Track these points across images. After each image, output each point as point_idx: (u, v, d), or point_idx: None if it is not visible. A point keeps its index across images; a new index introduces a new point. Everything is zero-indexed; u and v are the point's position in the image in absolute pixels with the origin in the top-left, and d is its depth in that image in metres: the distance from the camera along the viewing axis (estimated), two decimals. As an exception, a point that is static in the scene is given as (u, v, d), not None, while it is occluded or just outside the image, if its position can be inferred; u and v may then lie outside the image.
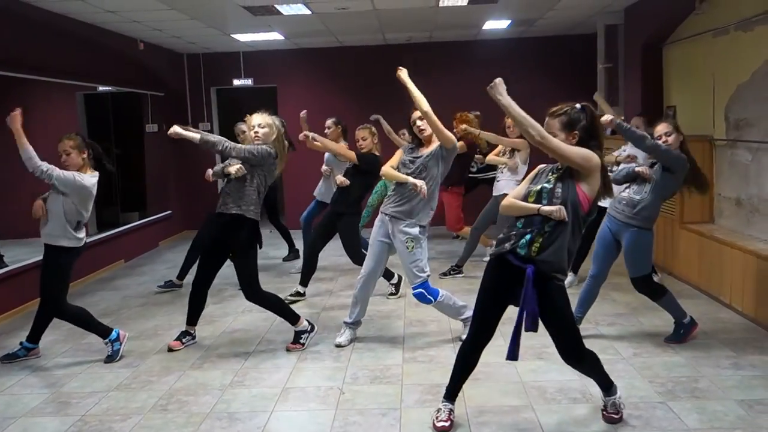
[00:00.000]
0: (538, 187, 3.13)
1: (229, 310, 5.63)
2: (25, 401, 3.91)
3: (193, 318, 4.78)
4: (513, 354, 3.19)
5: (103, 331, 4.56)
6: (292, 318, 4.66)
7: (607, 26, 7.90)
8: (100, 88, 8.16)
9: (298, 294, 5.83)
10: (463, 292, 5.87)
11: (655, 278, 5.73)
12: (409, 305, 5.58)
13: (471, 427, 3.39)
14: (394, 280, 5.92)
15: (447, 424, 3.31)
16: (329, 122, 6.72)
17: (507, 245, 3.13)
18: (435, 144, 4.47)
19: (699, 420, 3.37)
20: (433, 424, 3.34)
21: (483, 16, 7.89)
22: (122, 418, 3.63)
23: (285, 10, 6.84)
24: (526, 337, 4.51)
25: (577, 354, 3.19)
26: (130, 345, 4.79)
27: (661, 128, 4.42)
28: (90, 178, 4.44)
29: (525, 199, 3.14)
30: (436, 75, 9.48)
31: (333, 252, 6.84)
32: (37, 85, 6.63)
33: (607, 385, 3.34)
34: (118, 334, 4.60)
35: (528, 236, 3.06)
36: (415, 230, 4.42)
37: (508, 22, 8.26)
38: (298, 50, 9.76)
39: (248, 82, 9.86)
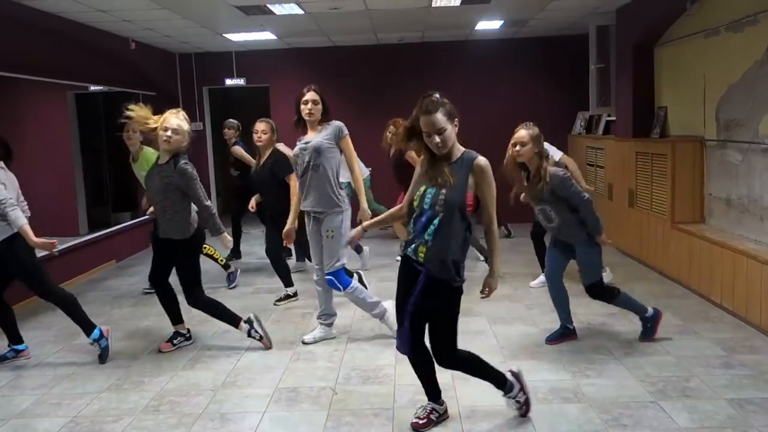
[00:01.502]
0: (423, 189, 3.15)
1: (221, 311, 5.61)
2: (15, 403, 3.89)
3: (175, 317, 4.77)
4: (401, 347, 3.26)
5: (87, 325, 4.53)
6: (234, 322, 4.65)
7: (599, 27, 7.91)
8: (92, 88, 8.12)
9: (287, 297, 5.81)
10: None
11: (605, 275, 5.76)
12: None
13: (463, 426, 3.39)
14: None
15: (421, 422, 3.35)
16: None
17: (408, 249, 3.18)
18: (321, 133, 4.53)
19: (690, 419, 3.38)
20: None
21: (475, 17, 7.89)
22: (114, 419, 3.61)
23: (278, 9, 6.83)
24: (520, 336, 4.53)
25: (447, 357, 3.20)
26: (121, 345, 4.77)
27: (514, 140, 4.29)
28: None
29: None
30: (428, 75, 9.48)
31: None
32: (29, 84, 6.60)
33: (500, 384, 3.38)
34: (101, 331, 4.57)
35: (413, 245, 3.14)
36: (338, 219, 4.51)
37: (501, 22, 8.27)
38: (291, 50, 9.75)
39: (240, 81, 9.85)
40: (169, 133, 4.28)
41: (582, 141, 8.90)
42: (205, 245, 5.69)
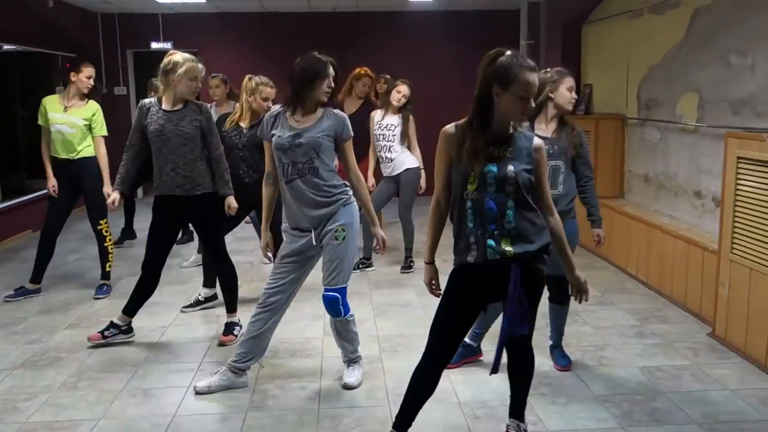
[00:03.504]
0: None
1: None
2: None
3: (136, 307, 4.22)
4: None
5: None
6: (232, 307, 4.32)
7: (530, 3, 8.01)
8: (5, 47, 7.66)
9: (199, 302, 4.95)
10: (392, 293, 5.87)
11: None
12: (330, 277, 5.55)
13: (389, 398, 3.43)
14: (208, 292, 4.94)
15: None
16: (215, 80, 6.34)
17: (472, 252, 2.57)
18: (320, 123, 3.32)
19: (604, 386, 3.54)
20: None
21: (409, -12, 7.84)
22: (28, 396, 3.47)
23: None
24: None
25: (529, 345, 2.86)
26: (38, 320, 4.59)
27: (570, 84, 3.63)
28: None
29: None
30: (362, 46, 9.37)
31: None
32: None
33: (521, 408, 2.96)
34: None
35: (490, 241, 2.54)
36: (350, 211, 3.42)
37: (434, -6, 8.26)
38: (221, 14, 9.45)
39: (167, 45, 9.47)
40: (198, 83, 3.95)
41: (511, 115, 9.02)
42: (109, 232, 5.30)
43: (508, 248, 2.50)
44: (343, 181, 3.43)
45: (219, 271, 4.33)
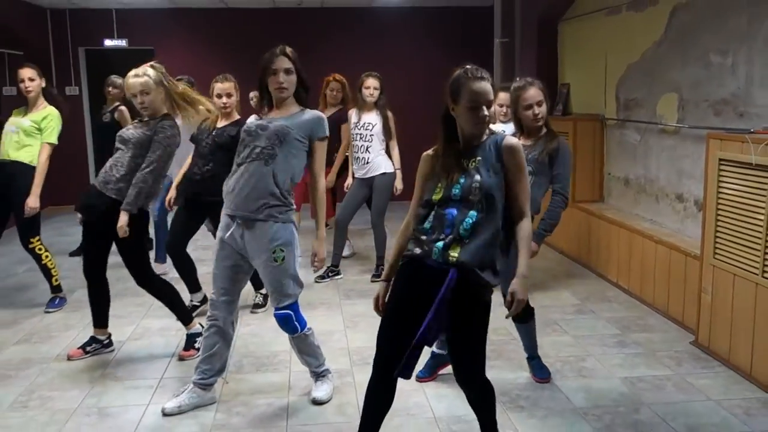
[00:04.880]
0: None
1: (99, 295, 5.39)
2: None
3: (102, 318, 4.25)
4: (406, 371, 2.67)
5: None
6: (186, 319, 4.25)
7: (504, -1, 8.11)
8: (-54, 44, 7.52)
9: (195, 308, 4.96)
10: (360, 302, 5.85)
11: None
12: (298, 287, 5.54)
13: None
14: (264, 290, 5.10)
15: None
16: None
17: (418, 249, 2.65)
18: (292, 118, 3.38)
19: (585, 399, 3.59)
20: None
21: (378, -18, 7.87)
22: (-26, 418, 3.42)
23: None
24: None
25: (479, 379, 2.76)
26: (-17, 336, 4.50)
27: (528, 101, 3.67)
28: None
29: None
30: (328, 42, 9.40)
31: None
32: None
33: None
34: None
35: (437, 243, 2.59)
36: (289, 230, 3.38)
37: (404, -11, 8.31)
38: (179, 10, 9.38)
39: (122, 43, 9.40)
40: (138, 99, 3.90)
41: (486, 117, 9.11)
42: (43, 249, 5.11)
43: (454, 254, 2.53)
44: (292, 202, 3.39)
45: (153, 294, 4.16)
